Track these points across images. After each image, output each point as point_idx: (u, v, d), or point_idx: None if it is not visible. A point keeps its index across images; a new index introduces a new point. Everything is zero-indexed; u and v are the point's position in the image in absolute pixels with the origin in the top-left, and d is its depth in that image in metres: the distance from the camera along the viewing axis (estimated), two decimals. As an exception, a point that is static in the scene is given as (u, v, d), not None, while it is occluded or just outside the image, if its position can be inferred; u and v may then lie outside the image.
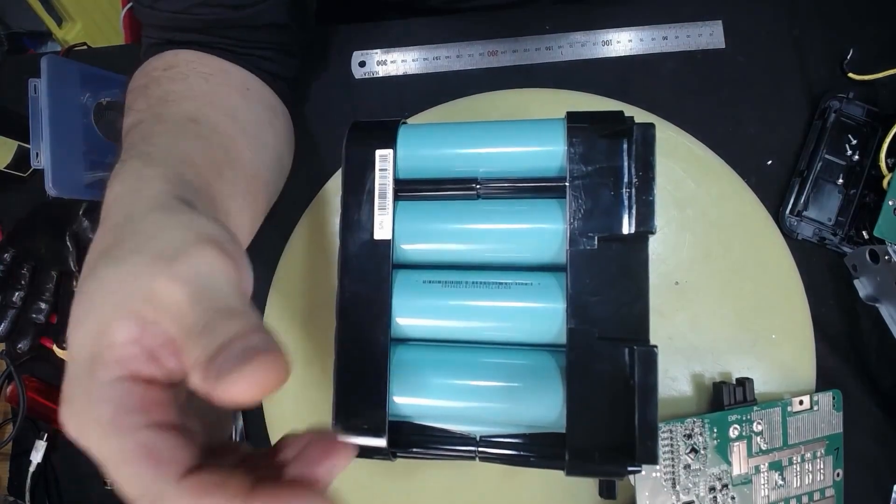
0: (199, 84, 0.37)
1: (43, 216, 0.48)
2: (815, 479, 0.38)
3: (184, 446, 0.19)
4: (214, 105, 0.37)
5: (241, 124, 0.38)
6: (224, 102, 0.38)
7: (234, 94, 0.39)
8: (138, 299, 0.20)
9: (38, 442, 0.47)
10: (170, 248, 0.21)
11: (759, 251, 0.42)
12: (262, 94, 0.42)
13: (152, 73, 0.37)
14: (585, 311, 0.29)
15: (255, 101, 0.41)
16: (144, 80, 0.37)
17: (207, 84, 0.38)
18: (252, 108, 0.40)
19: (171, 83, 0.37)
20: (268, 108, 0.42)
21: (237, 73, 0.40)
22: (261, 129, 0.40)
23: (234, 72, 0.40)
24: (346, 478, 0.42)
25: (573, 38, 0.48)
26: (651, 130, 0.30)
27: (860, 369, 0.42)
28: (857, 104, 0.43)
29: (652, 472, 0.37)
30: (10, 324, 0.47)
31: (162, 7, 0.38)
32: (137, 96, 0.36)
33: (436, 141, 0.32)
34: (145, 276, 0.20)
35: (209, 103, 0.37)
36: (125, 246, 0.22)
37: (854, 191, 0.43)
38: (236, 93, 0.40)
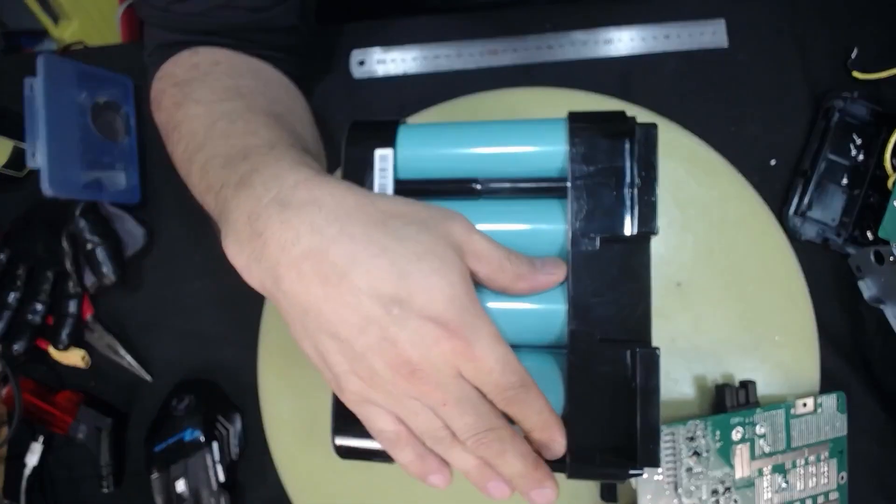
0: (254, 81, 0.38)
1: (39, 216, 0.48)
2: (818, 483, 0.38)
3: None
4: (279, 102, 0.38)
5: (301, 120, 0.40)
6: (282, 99, 0.39)
7: (282, 91, 0.41)
8: (461, 251, 0.27)
9: (34, 444, 0.47)
10: (440, 215, 0.27)
11: (762, 252, 0.42)
12: (297, 90, 0.43)
13: (200, 67, 0.38)
14: (587, 312, 0.29)
15: (295, 97, 0.43)
16: (194, 73, 0.37)
17: (260, 81, 0.39)
18: (298, 104, 0.42)
19: (229, 79, 0.37)
20: (304, 103, 0.44)
21: (270, 70, 0.41)
22: (310, 124, 0.42)
23: (268, 69, 0.41)
24: (346, 479, 0.42)
25: (574, 37, 0.47)
26: (653, 130, 0.29)
27: (864, 371, 0.41)
28: (861, 104, 0.43)
29: (654, 475, 0.36)
30: (6, 325, 0.47)
31: (177, 10, 0.37)
32: (195, 86, 0.36)
33: (436, 141, 0.32)
34: (452, 233, 0.27)
35: (274, 100, 0.38)
36: (405, 213, 0.27)
37: (858, 191, 0.42)
38: (283, 90, 0.41)
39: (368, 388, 0.26)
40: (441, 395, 0.26)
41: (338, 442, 0.31)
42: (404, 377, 0.25)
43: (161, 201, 0.50)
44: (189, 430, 0.43)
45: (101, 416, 0.46)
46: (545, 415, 0.27)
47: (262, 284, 0.27)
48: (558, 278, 0.29)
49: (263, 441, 0.44)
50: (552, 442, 0.28)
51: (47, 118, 0.44)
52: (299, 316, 0.27)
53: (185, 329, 0.48)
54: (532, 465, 0.27)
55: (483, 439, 0.26)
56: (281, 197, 0.26)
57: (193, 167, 0.33)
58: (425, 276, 0.25)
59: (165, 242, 0.50)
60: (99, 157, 0.48)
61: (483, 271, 0.27)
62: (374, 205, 0.27)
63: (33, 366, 0.49)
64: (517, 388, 0.26)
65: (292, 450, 0.43)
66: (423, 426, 0.27)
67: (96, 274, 0.46)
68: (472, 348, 0.25)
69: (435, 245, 0.26)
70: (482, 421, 0.26)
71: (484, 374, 0.26)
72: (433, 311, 0.25)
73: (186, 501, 0.42)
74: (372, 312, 0.25)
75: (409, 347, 0.25)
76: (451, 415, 0.26)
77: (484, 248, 0.27)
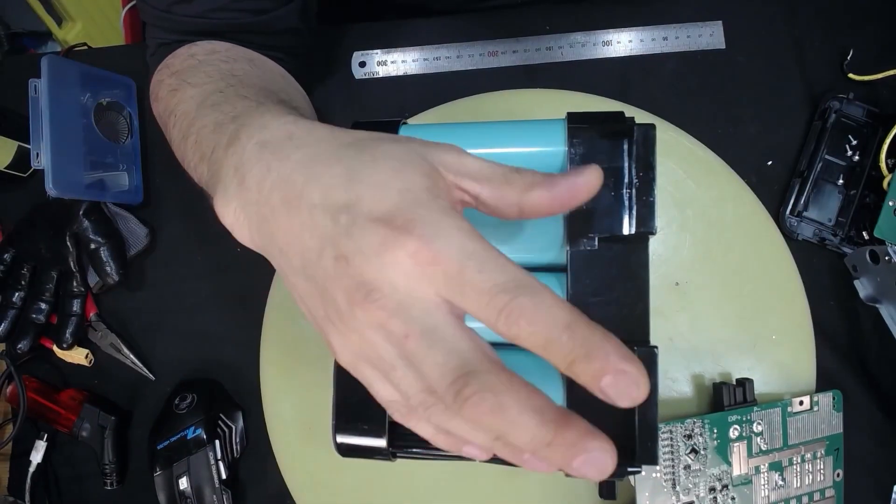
0: (251, 67, 0.38)
1: (43, 216, 0.48)
2: (815, 480, 0.38)
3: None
4: (275, 84, 0.38)
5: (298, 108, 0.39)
6: (278, 84, 0.39)
7: (278, 77, 0.41)
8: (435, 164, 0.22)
9: (38, 442, 0.47)
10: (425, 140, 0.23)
11: (759, 252, 0.42)
12: (297, 84, 0.43)
13: (197, 56, 0.37)
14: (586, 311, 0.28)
15: (294, 87, 0.43)
16: (191, 62, 0.37)
17: (257, 67, 0.39)
18: (296, 93, 0.42)
19: (226, 64, 0.37)
20: (304, 97, 0.44)
21: (269, 61, 0.41)
22: (307, 113, 0.42)
23: (267, 60, 0.41)
24: (347, 477, 0.42)
25: (573, 39, 0.48)
26: (652, 131, 0.29)
27: (860, 370, 0.42)
28: (857, 104, 0.43)
29: (652, 472, 0.37)
30: (10, 324, 0.47)
31: (178, 11, 0.38)
32: (191, 73, 0.36)
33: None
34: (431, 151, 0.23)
35: (271, 82, 0.38)
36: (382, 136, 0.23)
37: (854, 191, 0.43)
38: (280, 78, 0.41)
39: (344, 339, 0.21)
40: (403, 323, 0.19)
41: (339, 440, 0.31)
42: (360, 304, 0.20)
43: (164, 201, 0.51)
44: (191, 429, 0.43)
45: (104, 415, 0.46)
46: (581, 328, 0.18)
47: (250, 238, 0.25)
48: (588, 182, 0.23)
49: (265, 439, 0.44)
50: (612, 375, 0.18)
51: (51, 119, 0.44)
52: (279, 259, 0.23)
53: (187, 328, 0.49)
54: (555, 422, 0.18)
55: (464, 389, 0.18)
56: (261, 139, 0.25)
57: (188, 143, 0.32)
58: (378, 173, 0.21)
59: (168, 242, 0.50)
60: (102, 158, 0.48)
61: (485, 192, 0.23)
62: (348, 132, 0.24)
63: (37, 364, 0.49)
64: (511, 289, 0.19)
65: (294, 448, 0.44)
66: (403, 383, 0.21)
67: (100, 273, 0.47)
68: (430, 246, 0.19)
69: (401, 150, 0.22)
70: (456, 359, 0.19)
71: (455, 278, 0.19)
72: (380, 210, 0.20)
73: (189, 499, 0.43)
74: (324, 227, 0.21)
75: (360, 262, 0.20)
76: (416, 353, 0.20)
77: (481, 166, 0.23)
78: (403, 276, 0.20)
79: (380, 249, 0.20)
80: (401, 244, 0.19)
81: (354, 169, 0.21)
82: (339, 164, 0.22)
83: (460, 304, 0.20)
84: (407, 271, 0.20)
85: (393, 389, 0.22)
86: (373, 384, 0.22)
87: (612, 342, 0.18)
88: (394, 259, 0.20)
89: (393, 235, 0.20)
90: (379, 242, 0.20)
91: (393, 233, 0.20)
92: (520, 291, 0.18)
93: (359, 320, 0.20)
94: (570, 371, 0.18)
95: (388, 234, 0.20)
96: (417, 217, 0.20)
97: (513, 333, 0.19)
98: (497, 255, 0.20)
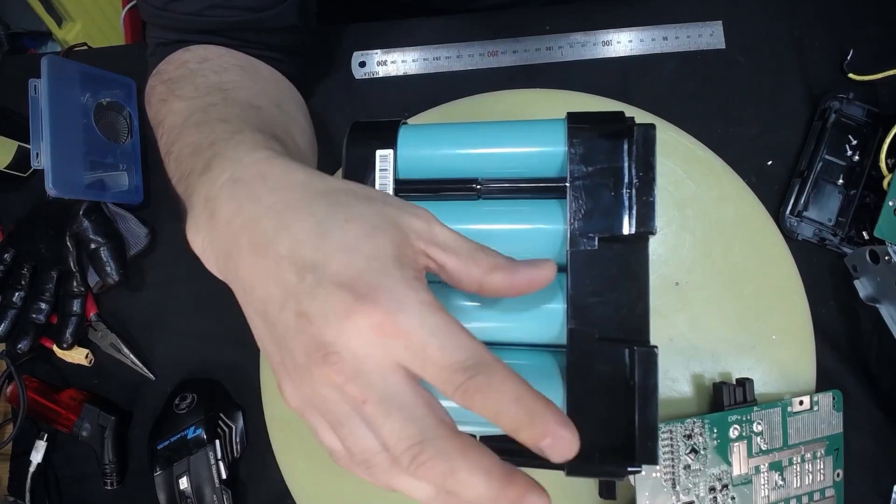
0: (242, 77, 0.38)
1: (43, 216, 0.48)
2: (815, 480, 0.38)
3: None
4: (264, 96, 0.38)
5: (287, 115, 0.39)
6: (269, 94, 0.39)
7: (270, 85, 0.40)
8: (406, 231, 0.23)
9: (38, 442, 0.47)
10: (398, 201, 0.24)
11: (759, 252, 0.42)
12: (290, 87, 0.43)
13: (188, 64, 0.38)
14: (586, 311, 0.29)
15: (286, 92, 0.42)
16: (183, 71, 0.37)
17: (249, 76, 0.39)
18: (287, 99, 0.42)
19: (216, 75, 0.37)
20: (297, 102, 0.43)
21: (264, 67, 0.41)
22: (300, 120, 0.42)
23: (261, 65, 0.41)
24: (347, 477, 0.42)
25: (573, 39, 0.48)
26: (652, 131, 0.29)
27: (860, 370, 0.42)
28: (857, 105, 0.43)
29: (652, 472, 0.37)
30: (10, 324, 0.47)
31: (175, 9, 0.38)
32: (181, 83, 0.36)
33: (436, 141, 0.32)
34: (403, 215, 0.23)
35: (259, 94, 0.38)
36: (357, 191, 0.24)
37: (854, 191, 0.43)
38: (272, 85, 0.41)
39: (296, 388, 0.22)
40: (360, 389, 0.20)
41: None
42: (317, 364, 0.20)
43: (163, 201, 0.51)
44: (192, 428, 0.43)
45: (104, 415, 0.46)
46: (526, 401, 0.20)
47: (217, 268, 0.25)
48: (542, 273, 0.25)
49: (265, 439, 0.44)
50: (551, 437, 0.19)
51: (51, 119, 0.44)
52: (242, 297, 0.23)
53: (187, 328, 0.49)
54: (500, 481, 0.19)
55: (420, 456, 0.19)
56: (234, 176, 0.25)
57: (170, 160, 0.32)
58: (347, 237, 0.21)
59: (168, 242, 0.50)
60: (102, 158, 0.48)
61: (450, 263, 0.23)
62: (324, 181, 0.24)
63: (37, 364, 0.50)
64: (470, 368, 0.20)
65: (294, 448, 0.44)
66: (349, 440, 0.21)
67: (100, 273, 0.47)
68: (393, 318, 0.20)
69: (373, 214, 0.22)
70: (412, 427, 0.20)
71: (416, 352, 0.20)
72: (346, 275, 0.20)
73: (189, 499, 0.43)
74: (289, 282, 0.21)
75: (322, 324, 0.20)
76: (374, 418, 0.20)
77: (450, 237, 0.24)
78: (364, 343, 0.20)
79: (342, 315, 0.20)
80: (364, 313, 0.20)
81: (325, 227, 0.21)
82: (311, 218, 0.22)
83: (419, 374, 0.20)
84: (368, 340, 0.20)
85: (337, 441, 0.22)
86: (318, 431, 0.23)
87: (552, 410, 0.20)
88: (355, 326, 0.20)
89: (357, 304, 0.20)
90: (342, 308, 0.20)
91: (357, 301, 0.20)
92: (477, 370, 0.20)
93: (315, 378, 0.21)
94: (515, 435, 0.20)
95: (352, 301, 0.20)
96: (382, 287, 0.20)
97: (467, 405, 0.20)
98: (457, 330, 0.20)
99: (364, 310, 0.20)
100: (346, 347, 0.20)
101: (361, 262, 0.21)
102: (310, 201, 0.23)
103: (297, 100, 0.44)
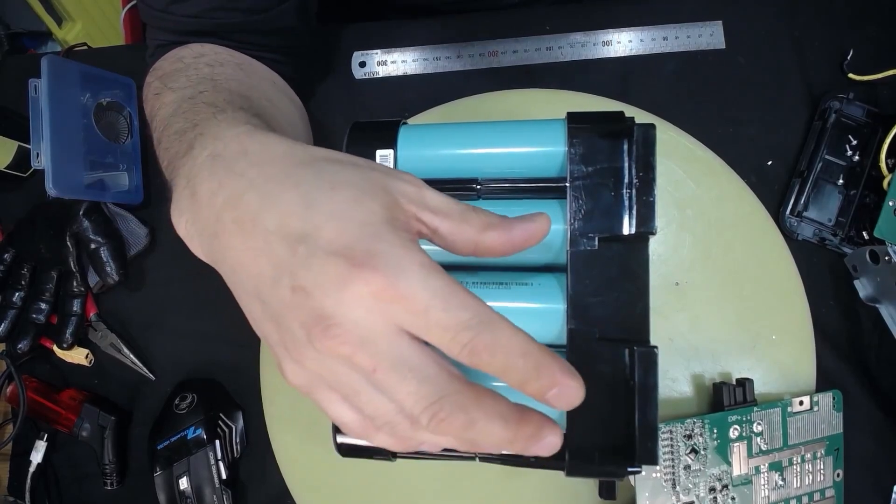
0: (235, 71, 0.38)
1: (43, 216, 0.48)
2: (815, 480, 0.38)
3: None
4: (256, 90, 0.38)
5: (280, 111, 0.39)
6: (262, 89, 0.39)
7: (265, 83, 0.40)
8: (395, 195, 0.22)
9: (38, 442, 0.47)
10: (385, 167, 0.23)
11: (759, 252, 0.42)
12: (286, 87, 0.43)
13: (184, 59, 0.37)
14: (586, 311, 0.29)
15: (282, 92, 0.42)
16: (178, 65, 0.37)
17: (243, 72, 0.39)
18: (283, 98, 0.41)
19: (209, 68, 0.37)
20: (293, 101, 0.43)
21: (261, 66, 0.41)
22: (294, 119, 0.42)
23: (258, 65, 0.41)
24: (347, 476, 0.42)
25: (573, 39, 0.48)
26: (652, 131, 0.29)
27: (860, 370, 0.42)
28: (857, 105, 0.43)
29: (652, 472, 0.37)
30: (10, 324, 0.47)
31: (175, 11, 0.38)
32: (175, 77, 0.36)
33: (436, 141, 0.32)
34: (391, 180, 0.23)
35: (252, 87, 0.37)
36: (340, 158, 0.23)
37: (854, 191, 0.43)
38: (267, 83, 0.41)
39: (298, 366, 0.22)
40: (367, 356, 0.20)
41: (339, 440, 0.31)
42: (319, 337, 0.20)
43: (164, 201, 0.51)
44: (192, 428, 0.43)
45: (104, 415, 0.46)
46: (533, 354, 0.20)
47: (202, 251, 0.24)
48: (536, 227, 0.24)
49: (265, 439, 0.44)
50: (558, 387, 0.20)
51: (51, 119, 0.44)
52: (231, 278, 0.23)
53: (187, 328, 0.49)
54: (516, 423, 0.20)
55: (439, 413, 0.20)
56: (214, 152, 0.24)
57: (160, 149, 0.32)
58: (336, 204, 0.21)
59: (168, 242, 0.50)
60: (102, 158, 0.48)
61: (444, 226, 0.23)
62: (305, 150, 0.23)
63: (37, 364, 0.50)
64: (474, 326, 0.20)
65: (294, 448, 0.44)
66: (369, 408, 0.21)
67: (100, 273, 0.47)
68: (393, 283, 0.19)
69: (360, 179, 0.22)
70: (427, 387, 0.20)
71: (419, 315, 0.20)
72: (340, 243, 0.20)
73: (189, 499, 0.43)
74: (280, 256, 0.21)
75: (319, 296, 0.20)
76: (388, 385, 0.20)
77: (440, 200, 0.23)
78: (365, 310, 0.20)
79: (340, 284, 0.20)
80: (363, 280, 0.19)
81: (312, 196, 0.21)
82: (296, 188, 0.21)
83: (423, 337, 0.20)
84: (369, 306, 0.20)
85: (353, 412, 0.22)
86: (326, 405, 0.23)
87: (558, 361, 0.20)
88: (355, 294, 0.20)
89: (354, 271, 0.19)
90: (339, 276, 0.20)
91: (354, 268, 0.20)
92: (482, 328, 0.20)
93: (319, 352, 0.20)
94: (522, 388, 0.20)
95: (349, 268, 0.20)
96: (379, 252, 0.20)
97: (474, 363, 0.20)
98: (458, 290, 0.20)
99: (362, 276, 0.19)
100: (348, 317, 0.20)
101: (354, 229, 0.20)
102: (293, 170, 0.22)
103: (294, 100, 0.44)
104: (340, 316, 0.20)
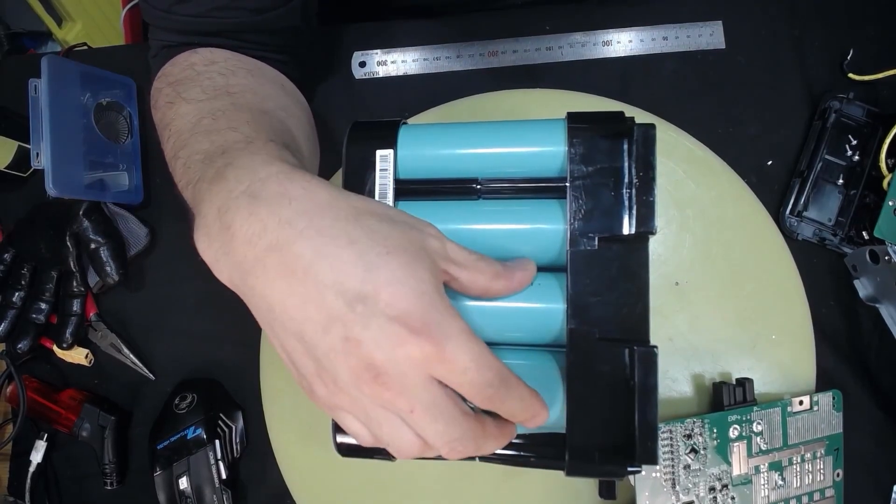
0: (248, 80, 0.38)
1: (43, 216, 0.48)
2: (814, 480, 0.38)
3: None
4: (271, 100, 0.38)
5: (293, 119, 0.39)
6: (276, 98, 0.39)
7: (277, 89, 0.40)
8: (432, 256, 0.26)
9: (38, 442, 0.47)
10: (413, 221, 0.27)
11: (759, 252, 0.42)
12: (295, 90, 0.43)
13: (195, 66, 0.38)
14: (586, 311, 0.29)
15: (292, 96, 0.42)
16: (189, 73, 0.37)
17: (254, 79, 0.39)
18: (293, 103, 0.42)
19: (222, 77, 0.37)
20: (302, 106, 0.43)
21: (270, 70, 0.41)
22: (305, 124, 0.42)
23: (267, 69, 0.41)
24: (347, 476, 0.42)
25: (573, 39, 0.48)
26: (652, 131, 0.29)
27: (860, 370, 0.42)
28: (857, 104, 0.43)
29: (652, 472, 0.37)
30: (10, 324, 0.47)
31: (179, 11, 0.38)
32: (187, 86, 0.36)
33: (436, 141, 0.32)
34: (425, 238, 0.26)
35: (266, 98, 0.38)
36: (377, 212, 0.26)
37: (854, 191, 0.43)
38: (278, 88, 0.41)
39: (332, 395, 0.25)
40: (407, 402, 0.24)
41: (339, 440, 0.31)
42: (367, 383, 0.24)
43: (163, 201, 0.51)
44: (191, 428, 0.43)
45: (104, 415, 0.46)
46: (527, 401, 0.26)
47: (230, 279, 0.26)
48: (530, 273, 0.29)
49: (265, 439, 0.45)
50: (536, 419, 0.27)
51: (51, 119, 0.44)
52: (266, 314, 0.25)
53: (187, 328, 0.49)
54: (510, 433, 0.27)
55: (457, 447, 0.25)
56: (252, 190, 0.25)
57: (177, 164, 0.32)
58: (393, 270, 0.24)
59: (168, 242, 0.50)
60: (102, 158, 0.48)
61: (463, 276, 0.27)
62: (346, 200, 0.26)
63: (37, 364, 0.50)
64: (496, 385, 0.25)
65: (294, 448, 0.44)
66: (389, 437, 0.25)
67: (100, 273, 0.47)
68: (442, 349, 0.23)
69: (406, 242, 0.25)
70: (453, 428, 0.25)
71: (458, 374, 0.24)
72: (399, 309, 0.23)
73: (189, 499, 0.43)
74: (335, 309, 0.23)
75: (372, 349, 0.23)
76: (419, 423, 0.25)
77: (459, 253, 0.27)
78: (412, 366, 0.23)
79: (395, 344, 0.23)
80: (417, 345, 0.23)
81: (369, 259, 0.24)
82: (351, 248, 0.24)
83: (454, 388, 0.25)
84: (416, 364, 0.23)
85: (371, 436, 0.26)
86: (346, 423, 0.26)
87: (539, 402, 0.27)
88: (407, 354, 0.23)
89: (411, 337, 0.23)
90: (396, 338, 0.23)
91: (411, 335, 0.23)
92: (501, 386, 0.25)
93: (365, 395, 0.24)
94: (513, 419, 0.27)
95: (406, 334, 0.23)
96: (432, 321, 0.23)
97: (487, 408, 0.25)
98: (486, 353, 0.24)
99: (417, 342, 0.23)
100: (396, 370, 0.23)
101: (412, 297, 0.23)
102: (344, 228, 0.24)
103: (302, 103, 0.44)
104: (388, 367, 0.23)
